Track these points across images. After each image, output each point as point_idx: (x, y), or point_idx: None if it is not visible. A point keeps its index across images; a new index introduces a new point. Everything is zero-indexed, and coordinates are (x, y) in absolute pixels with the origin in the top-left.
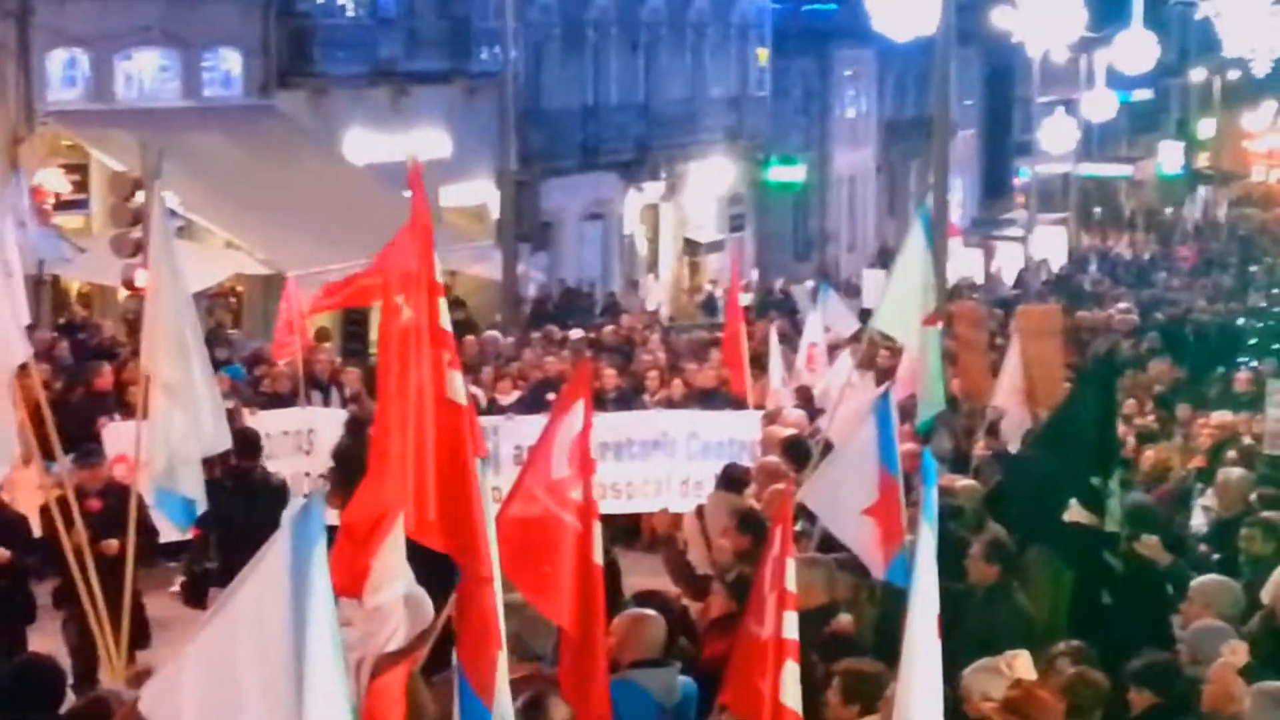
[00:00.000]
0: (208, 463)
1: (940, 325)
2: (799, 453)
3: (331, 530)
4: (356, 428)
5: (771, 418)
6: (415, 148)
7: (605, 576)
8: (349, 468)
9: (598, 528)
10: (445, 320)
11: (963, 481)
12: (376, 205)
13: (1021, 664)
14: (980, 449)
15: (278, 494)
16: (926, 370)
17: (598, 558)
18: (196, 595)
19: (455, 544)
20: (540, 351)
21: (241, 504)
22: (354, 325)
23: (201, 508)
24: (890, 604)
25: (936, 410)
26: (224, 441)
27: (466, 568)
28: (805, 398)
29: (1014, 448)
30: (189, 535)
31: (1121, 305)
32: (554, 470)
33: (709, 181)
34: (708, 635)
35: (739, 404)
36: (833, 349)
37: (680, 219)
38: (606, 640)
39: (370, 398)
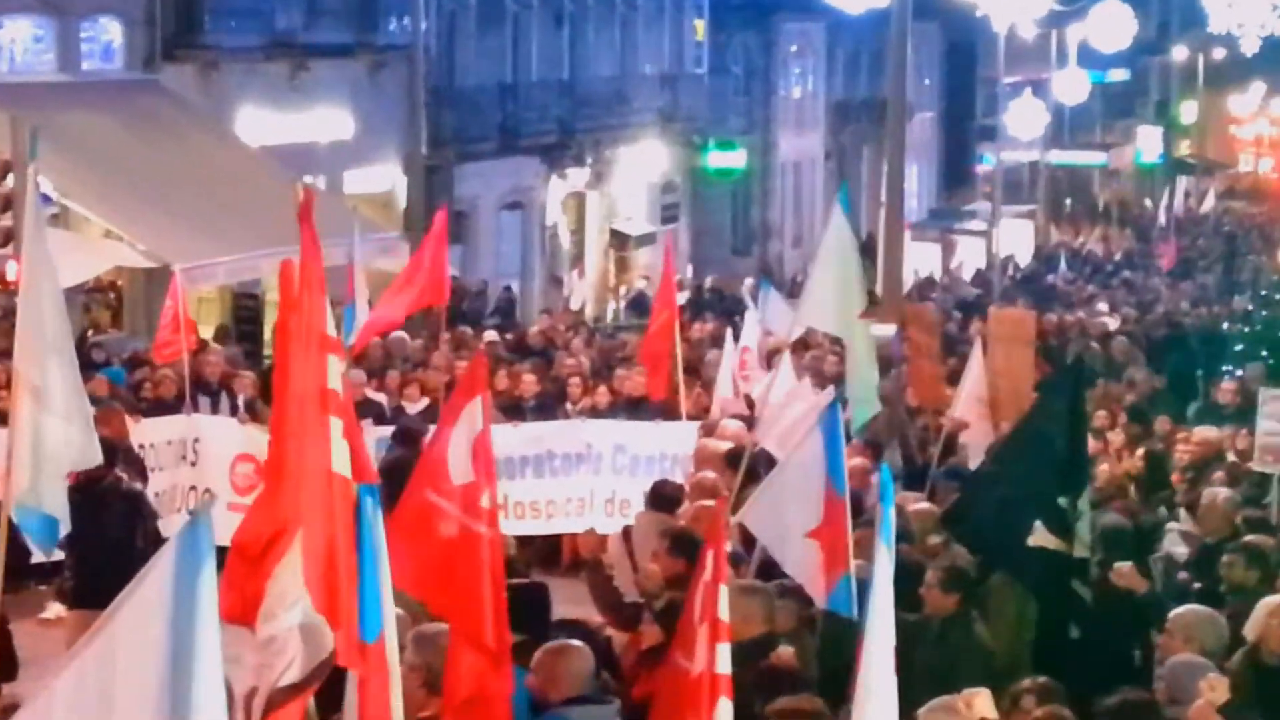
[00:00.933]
0: None
1: (869, 321)
2: (738, 468)
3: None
4: (409, 439)
5: (708, 429)
6: (315, 128)
7: (533, 600)
8: (402, 486)
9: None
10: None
11: (917, 500)
12: (272, 191)
13: (982, 703)
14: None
15: (131, 505)
16: (857, 367)
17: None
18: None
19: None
20: (452, 355)
21: (90, 518)
22: (246, 323)
23: (65, 528)
24: (834, 635)
25: (871, 411)
26: (94, 455)
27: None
28: (750, 407)
29: (974, 463)
30: (62, 555)
31: (1095, 307)
32: (455, 475)
33: (640, 168)
34: (636, 670)
35: (670, 414)
36: (773, 353)
37: (608, 209)
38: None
39: (265, 404)
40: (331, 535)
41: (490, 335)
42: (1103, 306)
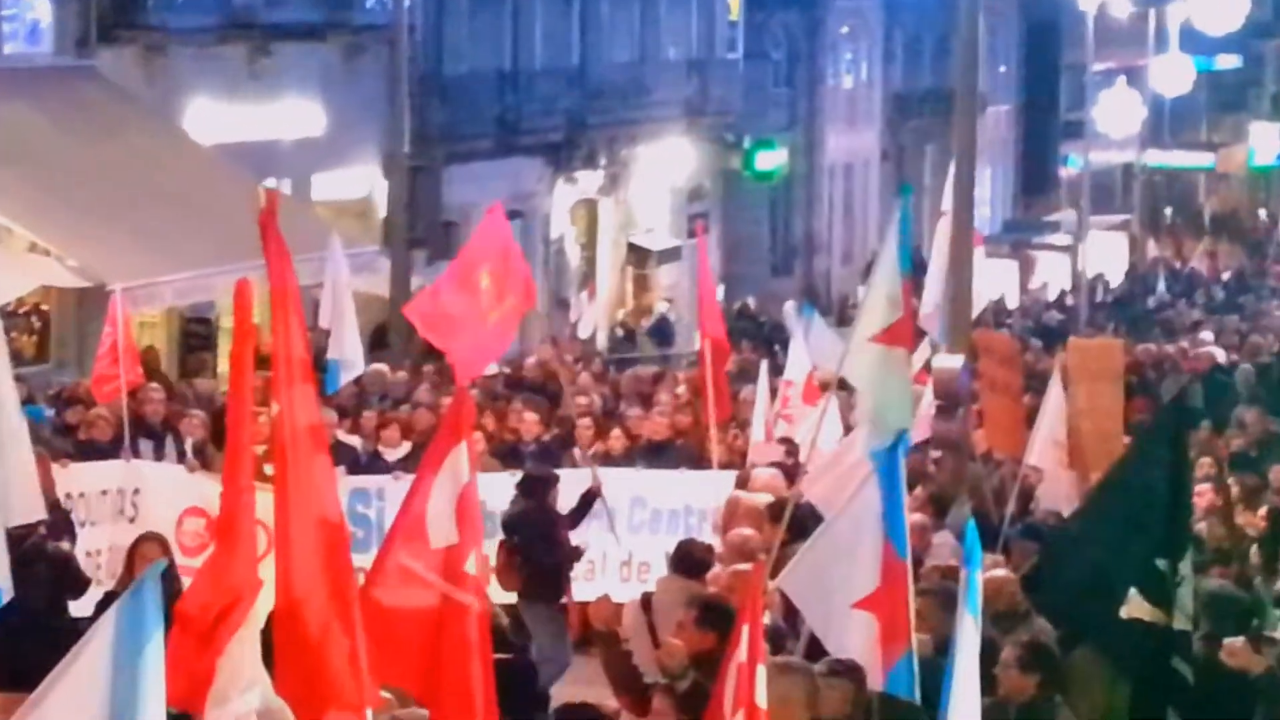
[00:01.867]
0: None
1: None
2: (778, 525)
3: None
4: (537, 489)
5: (743, 479)
6: (279, 123)
7: (519, 673)
8: (530, 541)
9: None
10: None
11: (991, 565)
12: (228, 197)
13: None
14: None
15: (58, 569)
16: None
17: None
18: None
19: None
20: (437, 391)
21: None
22: (198, 352)
23: (8, 594)
24: None
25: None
26: (36, 509)
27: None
28: (790, 453)
29: (1055, 519)
30: None
31: (1200, 336)
32: (435, 537)
33: (662, 170)
34: None
35: (698, 461)
36: (822, 390)
37: (624, 219)
38: None
39: (218, 448)
40: (336, 600)
41: (491, 367)
42: (1208, 335)
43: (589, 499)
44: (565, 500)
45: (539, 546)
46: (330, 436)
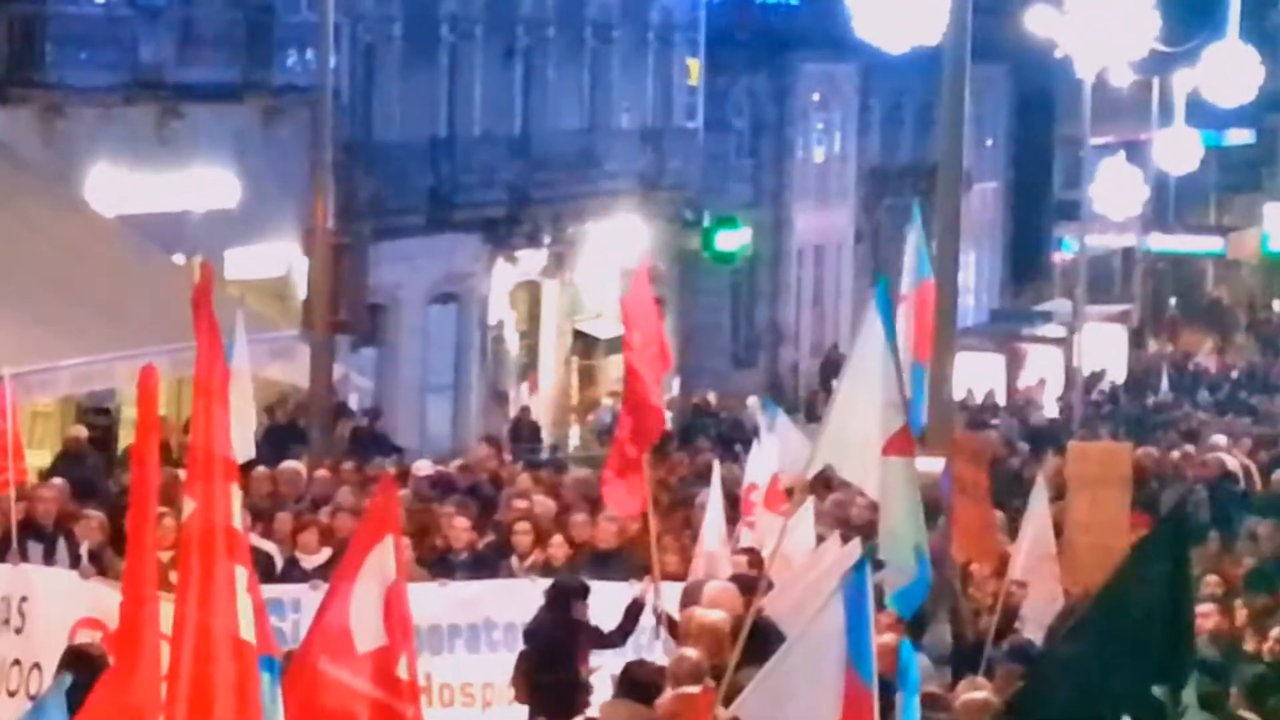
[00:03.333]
0: None
1: (906, 456)
2: (732, 645)
3: None
4: (561, 600)
5: (694, 593)
6: (189, 193)
7: None
8: (550, 656)
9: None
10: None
11: (970, 688)
12: (133, 275)
13: None
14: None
15: None
16: (891, 522)
17: None
18: None
19: None
20: (360, 493)
21: None
22: (95, 446)
23: None
24: None
25: (909, 580)
26: None
27: None
28: (754, 564)
29: (1041, 640)
30: None
31: (1209, 440)
32: (361, 640)
33: (613, 250)
34: None
35: (649, 571)
36: (785, 494)
37: (570, 304)
38: None
39: (117, 553)
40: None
41: (422, 467)
42: (1219, 438)
43: (635, 612)
44: (503, 611)
45: (557, 670)
46: None
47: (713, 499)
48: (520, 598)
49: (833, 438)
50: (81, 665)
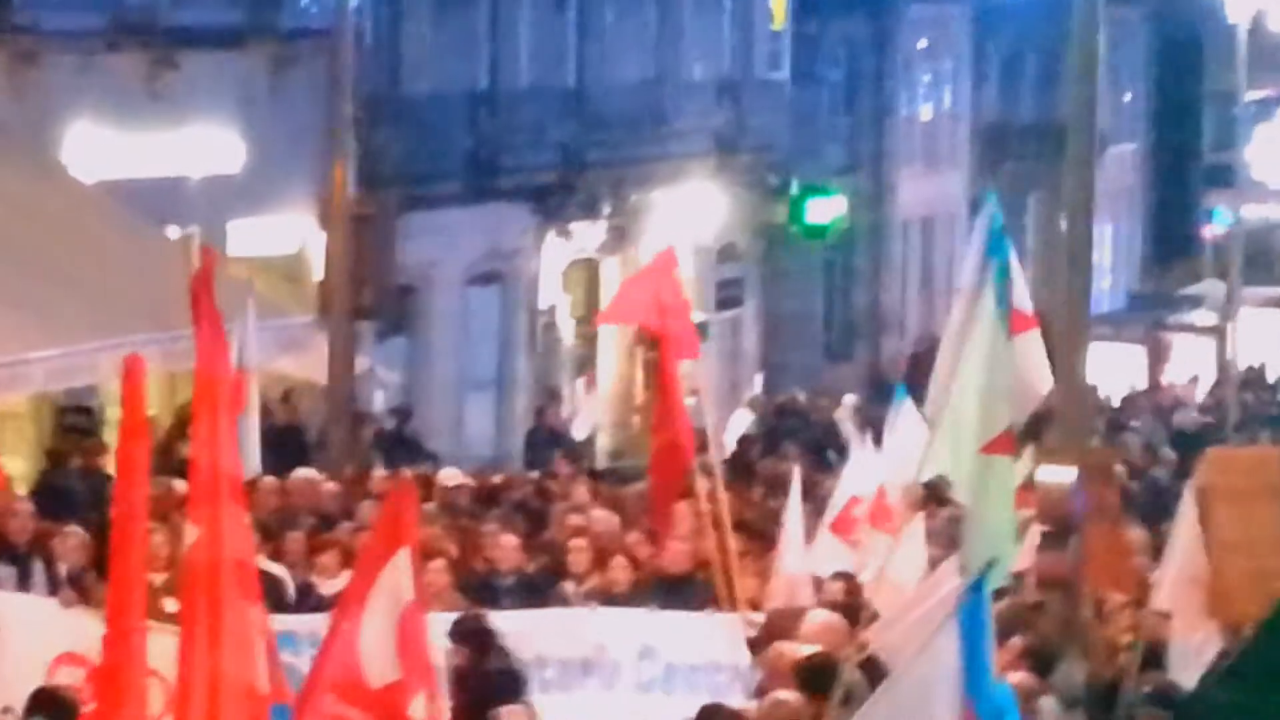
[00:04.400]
0: None
1: (1007, 455)
2: (826, 684)
3: None
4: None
5: (782, 624)
6: (185, 156)
7: None
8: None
9: None
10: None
11: None
12: (119, 252)
13: None
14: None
15: None
16: (983, 527)
17: None
18: None
19: None
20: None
21: None
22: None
23: None
24: None
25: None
26: None
27: None
28: (851, 591)
29: (1190, 681)
30: None
31: None
32: (371, 675)
33: (684, 224)
34: None
35: (727, 601)
36: (890, 510)
37: None
38: None
39: (101, 577)
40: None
41: (452, 476)
42: None
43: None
44: (557, 647)
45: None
46: None
47: (791, 513)
48: (577, 629)
49: (945, 441)
50: (52, 711)
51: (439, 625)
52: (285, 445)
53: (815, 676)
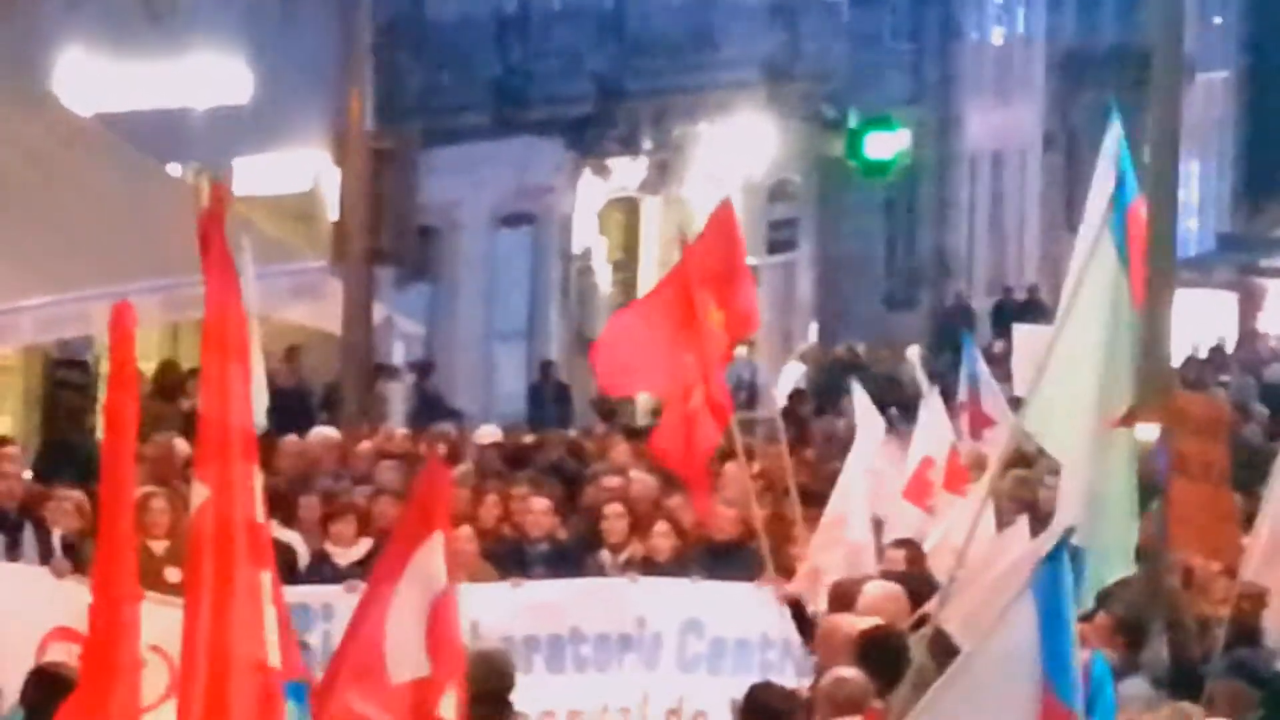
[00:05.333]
0: None
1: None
2: (890, 661)
3: None
4: None
5: (844, 596)
6: (187, 86)
7: None
8: None
9: None
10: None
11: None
12: (116, 190)
13: None
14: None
15: None
16: (1103, 506)
17: None
18: None
19: None
20: (408, 470)
21: None
22: (68, 410)
23: None
24: None
25: (1124, 568)
26: None
27: None
28: (913, 560)
29: None
30: None
31: None
32: (395, 670)
33: (732, 159)
34: None
35: (779, 569)
36: (966, 472)
37: (677, 227)
38: None
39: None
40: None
41: (489, 433)
42: None
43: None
44: (594, 619)
45: None
46: None
47: (852, 475)
48: (615, 601)
49: (1044, 402)
50: (49, 691)
51: (468, 597)
52: (288, 409)
53: (878, 652)
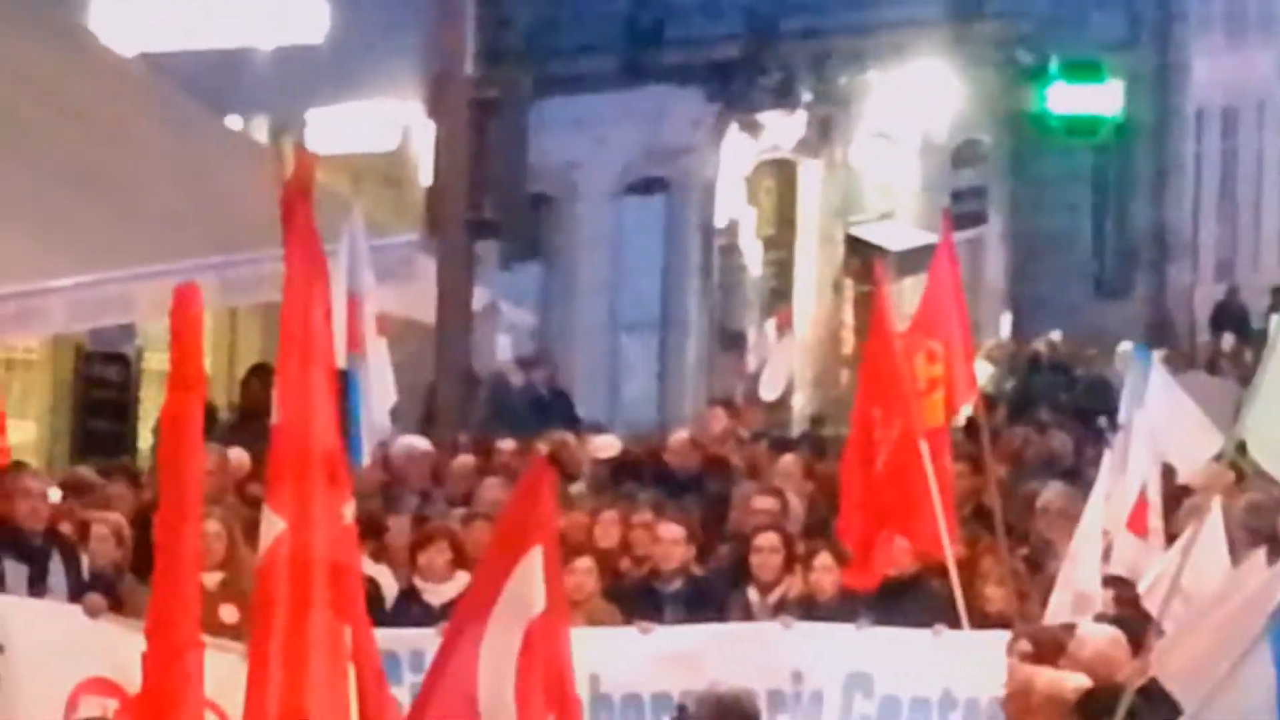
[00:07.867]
0: None
1: None
2: None
3: None
4: None
5: (1048, 645)
6: (250, 24)
7: None
8: None
9: None
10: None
11: None
12: (164, 146)
13: None
14: None
15: None
16: None
17: None
18: None
19: None
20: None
21: None
22: (105, 412)
23: None
24: None
25: None
26: None
27: None
28: (1123, 602)
29: None
30: None
31: None
32: (491, 714)
33: (909, 114)
34: None
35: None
36: (1181, 495)
37: (842, 196)
38: None
39: (142, 579)
40: None
41: (607, 444)
42: None
43: None
44: (737, 672)
45: None
46: None
47: (1092, 504)
48: (766, 651)
49: (1263, 412)
50: None
51: (586, 644)
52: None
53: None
